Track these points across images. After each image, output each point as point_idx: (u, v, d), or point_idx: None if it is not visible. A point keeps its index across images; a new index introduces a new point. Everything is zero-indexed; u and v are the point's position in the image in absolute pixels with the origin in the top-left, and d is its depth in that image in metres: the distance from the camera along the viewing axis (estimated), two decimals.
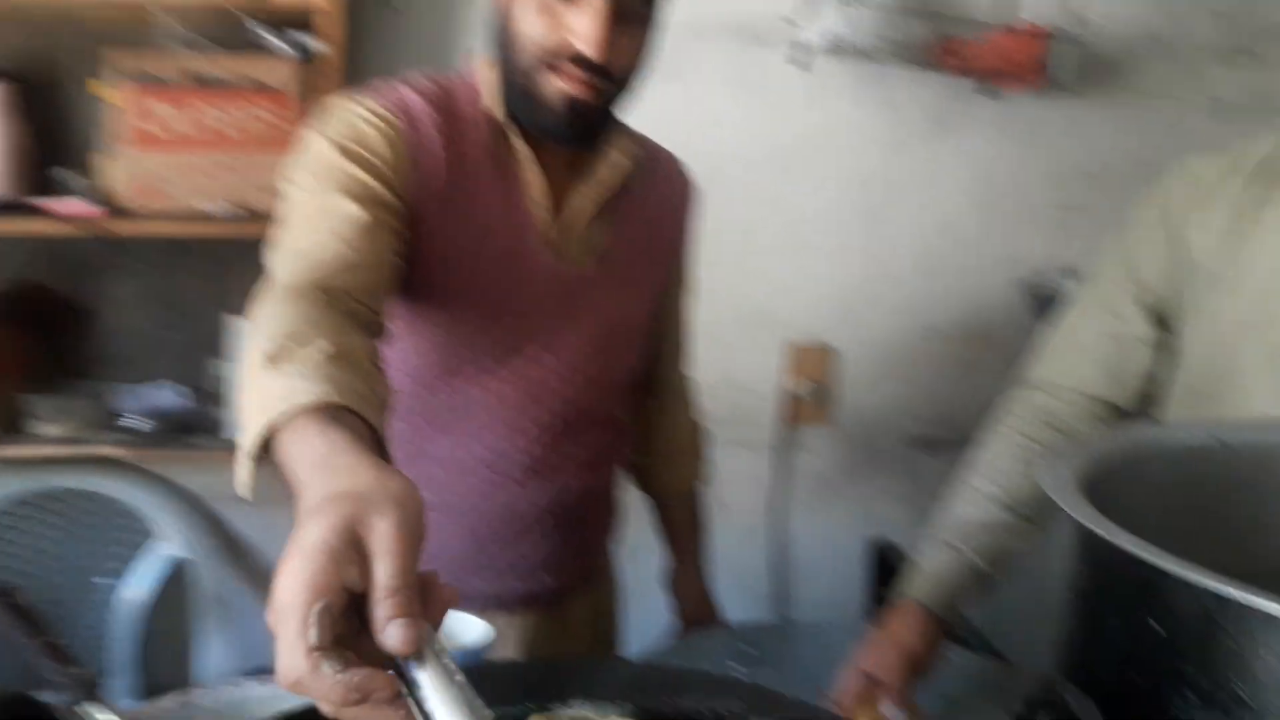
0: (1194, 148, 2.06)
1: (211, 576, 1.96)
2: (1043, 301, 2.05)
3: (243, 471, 0.65)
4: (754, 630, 1.20)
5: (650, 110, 2.00)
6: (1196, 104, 2.10)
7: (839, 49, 1.91)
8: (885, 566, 1.76)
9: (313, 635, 0.46)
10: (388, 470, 0.55)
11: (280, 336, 0.71)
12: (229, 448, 0.71)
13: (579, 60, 0.97)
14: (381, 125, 0.98)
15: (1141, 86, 2.09)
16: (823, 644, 1.10)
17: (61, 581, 1.81)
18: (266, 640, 0.49)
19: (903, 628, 1.01)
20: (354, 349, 0.72)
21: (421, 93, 1.03)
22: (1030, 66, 1.93)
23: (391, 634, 0.47)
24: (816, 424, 2.17)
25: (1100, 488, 0.64)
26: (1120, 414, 1.14)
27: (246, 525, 2.11)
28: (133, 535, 1.86)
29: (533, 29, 0.97)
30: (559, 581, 1.18)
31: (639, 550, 1.45)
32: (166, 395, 1.90)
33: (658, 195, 1.20)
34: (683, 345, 1.39)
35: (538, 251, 1.06)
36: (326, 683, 0.46)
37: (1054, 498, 0.60)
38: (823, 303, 2.14)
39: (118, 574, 1.83)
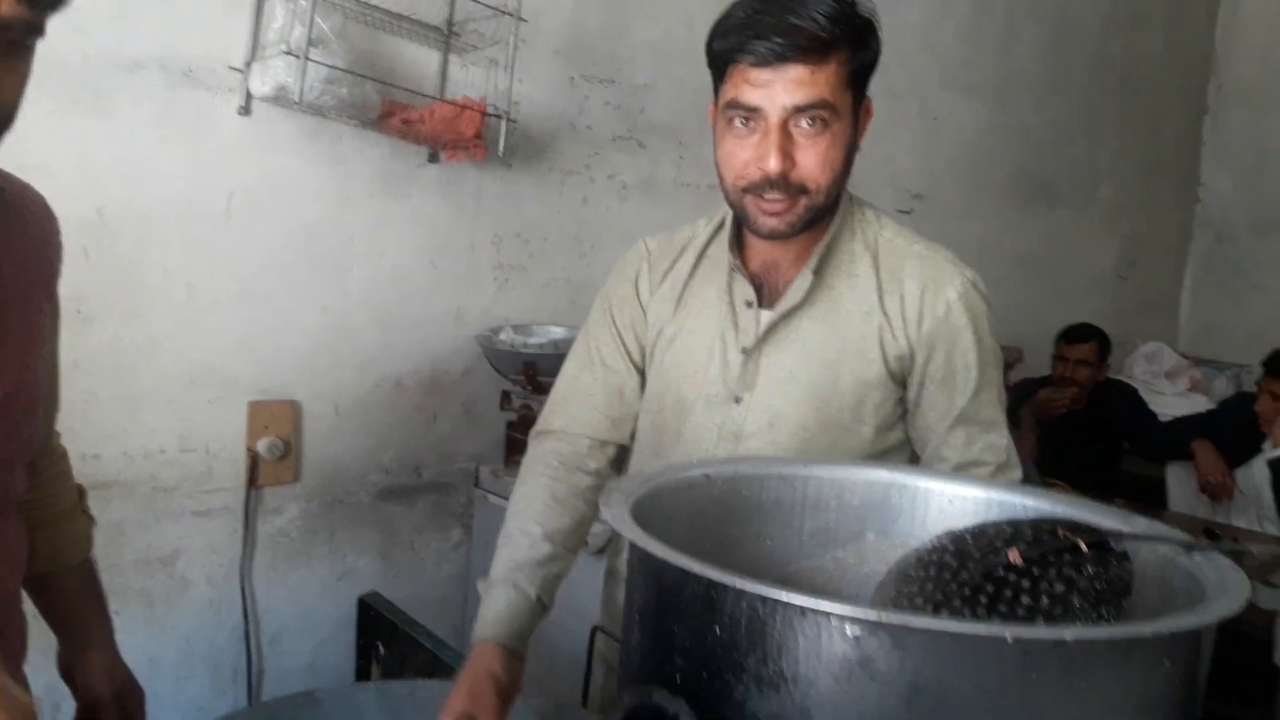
0: (601, 218, 2.48)
1: None
2: (494, 354, 2.25)
3: None
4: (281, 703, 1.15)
5: (68, 148, 1.80)
6: (602, 181, 2.51)
7: (284, 100, 1.89)
8: (371, 619, 1.78)
9: None
10: None
11: None
12: None
13: None
14: None
15: (560, 163, 2.43)
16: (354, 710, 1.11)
17: None
18: None
19: (487, 666, 1.10)
20: None
21: None
22: (470, 137, 2.12)
23: None
24: (282, 483, 2.10)
25: (640, 520, 0.77)
26: (622, 450, 1.36)
27: None
28: None
29: None
30: None
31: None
32: None
33: (22, 239, 1.01)
34: (57, 400, 1.15)
35: None
36: None
37: (623, 532, 0.72)
38: (281, 357, 2.08)
39: None
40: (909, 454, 1.30)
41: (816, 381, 1.23)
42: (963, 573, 0.77)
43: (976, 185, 3.66)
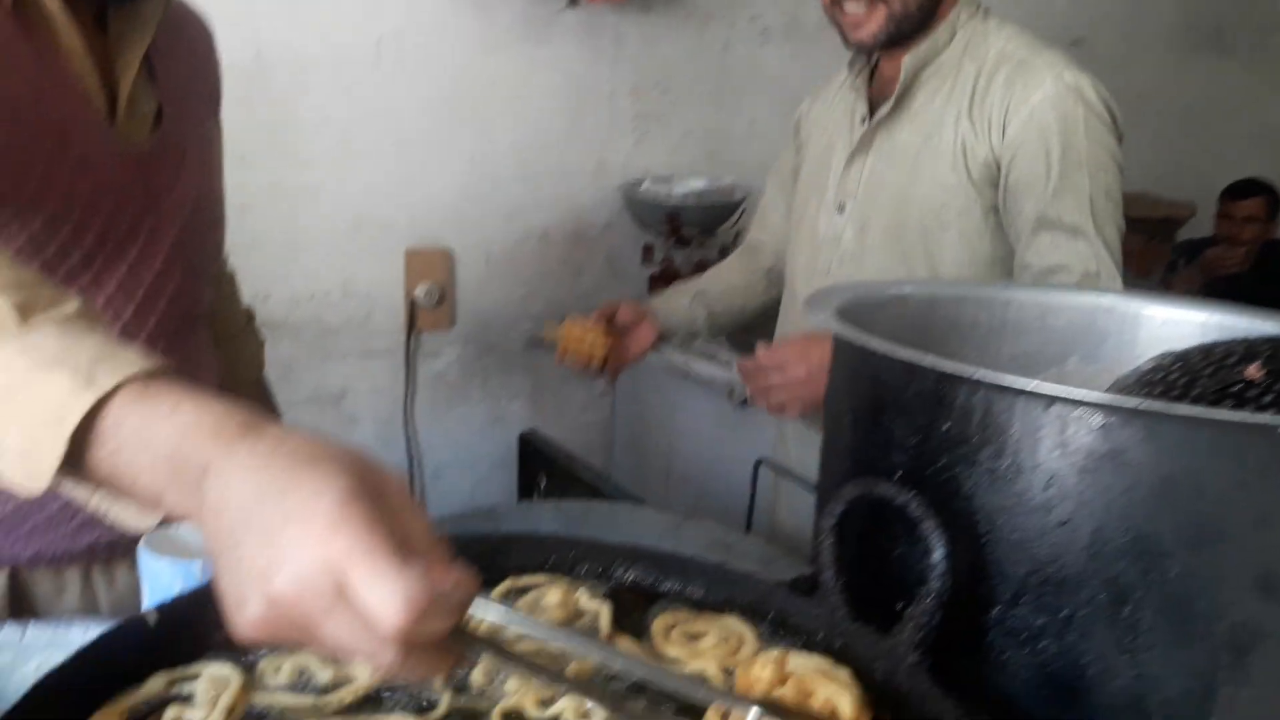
0: (741, 67, 2.40)
1: None
2: (638, 206, 2.25)
3: (42, 464, 0.47)
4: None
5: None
6: (743, 25, 2.41)
7: None
8: (532, 453, 1.86)
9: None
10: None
11: None
12: None
13: None
14: None
15: (700, 6, 2.34)
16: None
17: None
18: None
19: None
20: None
21: None
22: None
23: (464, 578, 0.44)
24: (439, 328, 2.18)
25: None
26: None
27: None
28: None
29: None
30: None
31: None
32: None
33: (189, 50, 1.04)
34: (225, 222, 1.17)
35: (97, 127, 0.86)
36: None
37: (837, 330, 0.72)
38: (434, 205, 2.13)
39: None
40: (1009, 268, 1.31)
41: (901, 186, 1.30)
42: (1194, 389, 0.74)
43: (1139, 30, 3.39)
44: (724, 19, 2.38)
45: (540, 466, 1.80)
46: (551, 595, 0.68)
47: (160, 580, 0.77)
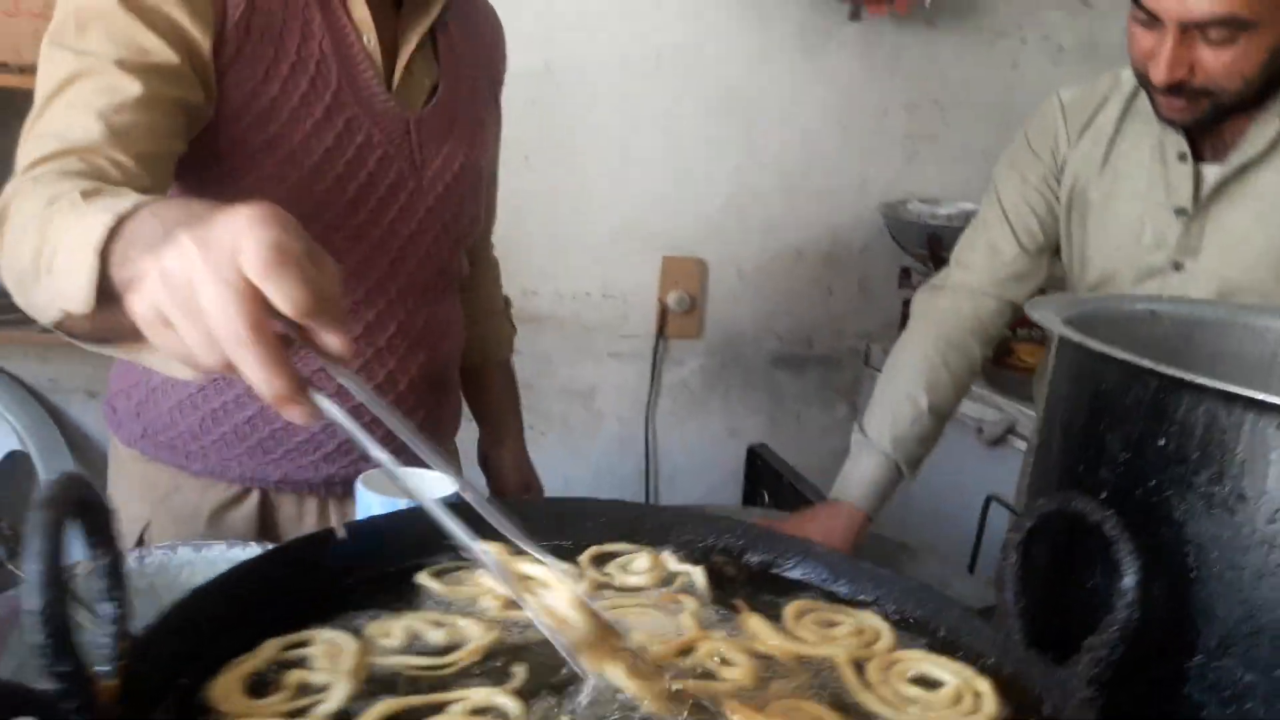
0: (1029, 86, 2.26)
1: (49, 468, 1.82)
2: (898, 225, 2.18)
3: (82, 280, 0.57)
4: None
5: (532, 2, 1.98)
6: (1035, 43, 2.28)
7: None
8: (759, 467, 1.84)
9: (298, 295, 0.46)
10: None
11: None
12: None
13: None
14: None
15: (990, 22, 2.24)
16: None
17: None
18: None
19: (847, 524, 1.15)
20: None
21: None
22: None
23: (336, 339, 0.48)
24: (686, 336, 2.23)
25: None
26: (1017, 312, 1.28)
27: (83, 417, 1.99)
28: None
29: None
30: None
31: None
32: None
33: (473, 32, 1.12)
34: (494, 211, 1.29)
35: (373, 92, 0.96)
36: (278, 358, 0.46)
37: (1056, 330, 0.66)
38: (693, 215, 2.18)
39: None
40: None
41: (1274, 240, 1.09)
42: None
43: None
44: (1014, 36, 2.26)
45: (766, 481, 1.78)
46: (640, 561, 0.67)
47: (371, 513, 0.84)
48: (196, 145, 0.87)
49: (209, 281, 0.45)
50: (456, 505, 0.53)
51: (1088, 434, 0.65)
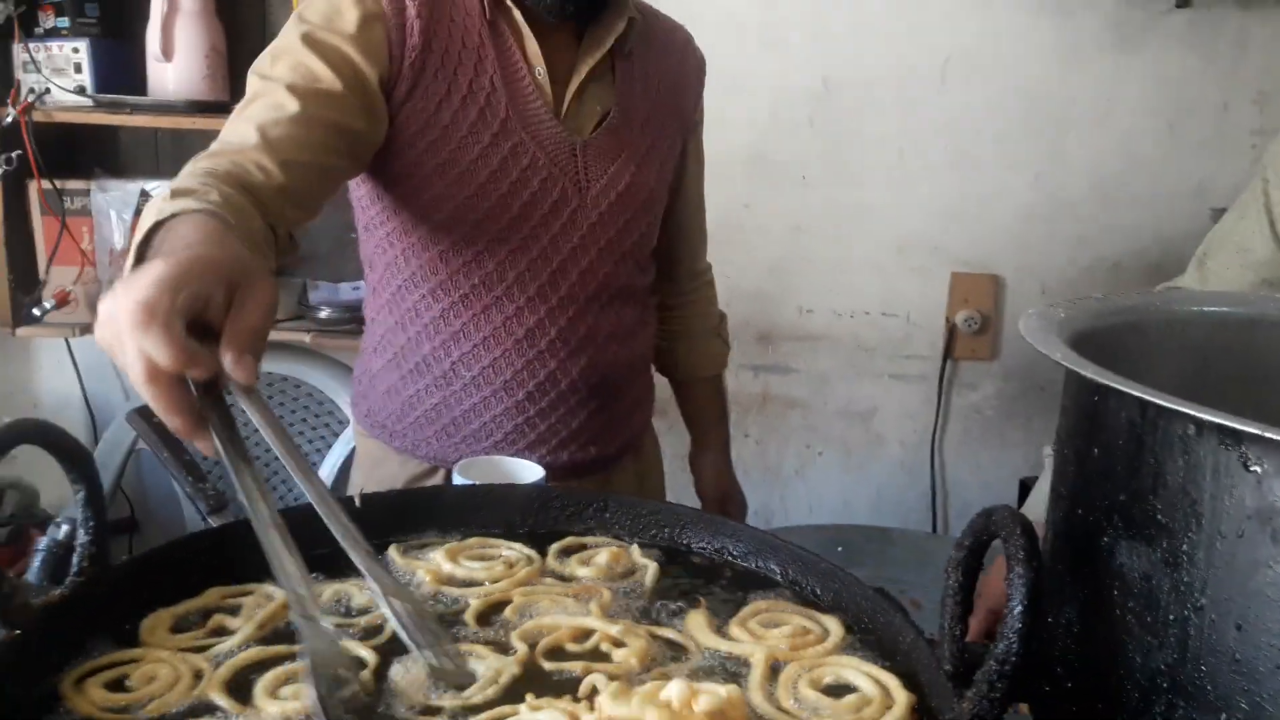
0: None
1: None
2: None
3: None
4: (849, 529, 1.21)
5: (805, 20, 2.00)
6: None
7: None
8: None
9: (181, 301, 0.55)
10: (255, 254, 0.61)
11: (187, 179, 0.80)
12: None
13: None
14: (362, 3, 0.98)
15: None
16: (915, 548, 1.10)
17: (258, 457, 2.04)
18: None
19: None
20: (246, 207, 0.80)
21: None
22: None
23: (244, 365, 0.56)
24: (978, 358, 2.09)
25: (1101, 350, 0.61)
26: None
27: None
28: (324, 417, 2.05)
29: None
30: (601, 451, 1.20)
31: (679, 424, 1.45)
32: (350, 291, 2.02)
33: (663, 65, 1.17)
34: (703, 231, 1.35)
35: (540, 120, 1.06)
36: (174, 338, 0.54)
37: (1047, 350, 0.59)
38: (987, 227, 2.04)
39: (316, 454, 2.02)
40: None
41: None
42: None
43: None
44: None
45: None
46: (601, 556, 0.70)
47: None
48: (385, 169, 1.05)
49: (124, 331, 0.55)
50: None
51: (1082, 459, 0.58)
